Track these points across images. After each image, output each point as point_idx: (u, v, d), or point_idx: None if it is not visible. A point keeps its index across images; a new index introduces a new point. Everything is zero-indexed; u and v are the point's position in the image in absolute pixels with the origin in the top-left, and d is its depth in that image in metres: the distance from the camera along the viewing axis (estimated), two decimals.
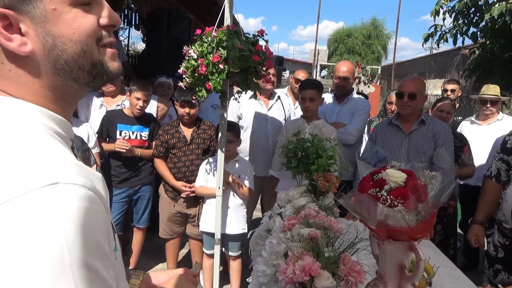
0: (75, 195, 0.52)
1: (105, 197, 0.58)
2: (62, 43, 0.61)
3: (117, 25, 0.68)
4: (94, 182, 0.57)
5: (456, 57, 15.63)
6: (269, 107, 3.67)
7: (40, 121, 0.60)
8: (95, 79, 0.66)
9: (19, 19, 0.58)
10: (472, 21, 5.67)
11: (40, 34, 0.59)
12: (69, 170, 0.54)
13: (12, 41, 0.58)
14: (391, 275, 1.27)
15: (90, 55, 0.64)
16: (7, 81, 0.61)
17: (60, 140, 0.61)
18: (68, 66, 0.62)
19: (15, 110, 0.59)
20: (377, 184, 1.24)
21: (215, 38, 2.34)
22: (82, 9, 0.62)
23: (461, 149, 3.29)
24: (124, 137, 3.22)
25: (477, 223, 2.43)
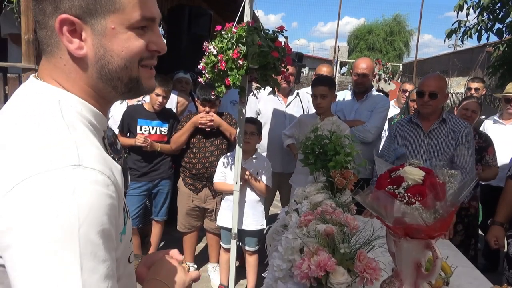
0: (93, 178, 0.61)
1: (120, 186, 0.68)
2: (110, 56, 0.72)
3: (162, 52, 0.79)
4: (113, 171, 0.67)
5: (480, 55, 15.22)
6: (287, 103, 3.67)
7: (78, 110, 0.71)
8: (129, 91, 0.78)
9: (83, 28, 0.70)
10: (497, 16, 5.49)
11: (95, 44, 0.71)
12: (91, 156, 0.64)
13: (72, 43, 0.70)
14: (407, 273, 1.26)
15: (130, 71, 0.75)
16: (61, 73, 0.73)
17: (91, 130, 0.72)
18: (110, 75, 0.73)
19: (60, 98, 0.70)
20: (395, 182, 1.24)
21: (235, 34, 2.36)
22: (136, 33, 0.73)
23: (486, 150, 3.22)
24: (144, 132, 3.27)
25: (497, 224, 2.38)
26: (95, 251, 0.59)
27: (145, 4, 0.73)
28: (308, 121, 2.96)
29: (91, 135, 0.70)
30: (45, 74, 0.73)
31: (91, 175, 0.61)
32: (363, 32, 30.15)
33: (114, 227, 0.64)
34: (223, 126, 3.17)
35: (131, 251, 0.83)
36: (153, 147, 3.22)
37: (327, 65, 4.65)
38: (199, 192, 3.25)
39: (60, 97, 0.70)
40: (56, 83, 0.72)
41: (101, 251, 0.60)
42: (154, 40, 0.76)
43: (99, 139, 0.73)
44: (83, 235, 0.58)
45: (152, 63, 0.79)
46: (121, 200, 0.68)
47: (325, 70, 4.14)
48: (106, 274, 0.60)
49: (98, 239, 0.60)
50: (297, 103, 3.72)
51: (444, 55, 20.74)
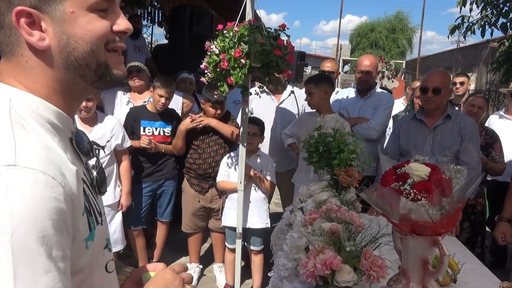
0: (31, 179, 0.57)
1: (74, 190, 0.63)
2: (75, 41, 0.68)
3: (129, 32, 0.75)
4: (65, 172, 0.63)
5: (484, 50, 15.12)
6: (280, 101, 3.65)
7: (34, 109, 0.67)
8: (99, 79, 0.73)
9: (41, 17, 0.66)
10: (501, 11, 5.44)
11: (57, 32, 0.67)
12: (33, 156, 0.59)
13: (32, 36, 0.66)
14: (414, 270, 1.25)
15: (97, 56, 0.71)
16: (22, 71, 0.69)
17: (49, 129, 0.67)
18: (77, 62, 0.70)
19: (11, 97, 0.66)
20: (400, 178, 1.23)
21: (237, 33, 2.35)
22: (97, 15, 0.70)
23: (492, 146, 3.19)
24: (147, 133, 3.28)
25: (504, 220, 2.36)
26: (34, 260, 0.54)
27: None
28: (309, 119, 2.95)
29: (45, 135, 0.65)
30: (5, 74, 0.69)
31: (29, 175, 0.57)
32: (365, 30, 30.07)
33: (63, 234, 0.59)
34: (222, 130, 3.16)
35: (107, 259, 0.78)
36: (157, 149, 3.22)
37: (331, 60, 4.61)
38: (206, 192, 3.25)
39: (12, 96, 0.66)
40: (15, 82, 0.68)
41: (42, 260, 0.54)
42: (118, 21, 0.73)
43: (61, 140, 0.69)
44: (17, 242, 0.52)
45: (120, 47, 0.75)
46: (76, 204, 0.63)
47: (329, 66, 4.09)
48: (50, 287, 0.55)
49: (37, 246, 0.54)
50: (292, 101, 3.68)
51: (447, 51, 20.64)
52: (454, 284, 1.60)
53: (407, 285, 1.25)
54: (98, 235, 0.72)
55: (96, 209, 0.74)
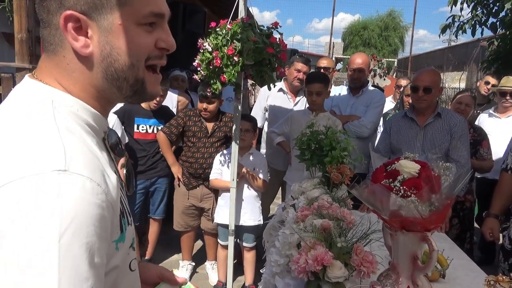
0: (79, 185, 0.57)
1: (114, 196, 0.63)
2: (117, 53, 0.68)
3: (171, 50, 0.75)
4: (106, 178, 0.63)
5: (475, 49, 15.24)
6: (295, 102, 3.65)
7: (74, 111, 0.67)
8: (134, 94, 0.74)
9: (89, 24, 0.67)
10: (491, 11, 5.51)
11: (101, 41, 0.67)
12: (81, 161, 0.59)
13: (77, 41, 0.66)
14: (404, 266, 1.27)
15: (137, 71, 0.71)
16: (63, 71, 0.69)
17: (88, 131, 0.68)
18: (116, 74, 0.70)
19: (53, 98, 0.66)
20: (390, 175, 1.24)
21: (230, 31, 2.35)
22: (144, 29, 0.70)
23: (480, 143, 3.23)
24: (141, 131, 3.27)
25: (492, 216, 2.40)
26: (77, 265, 0.54)
27: (155, 0, 0.70)
28: (301, 117, 2.96)
29: (87, 138, 0.66)
30: (45, 72, 0.70)
31: (78, 181, 0.57)
32: (357, 28, 30.16)
33: (103, 241, 0.59)
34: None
35: (132, 258, 0.78)
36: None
37: (327, 57, 4.62)
38: (193, 189, 3.24)
39: (54, 97, 0.66)
40: (55, 82, 0.69)
41: (84, 266, 0.54)
42: (163, 38, 0.73)
43: (98, 140, 0.70)
44: (64, 246, 0.52)
45: (160, 63, 0.75)
46: (115, 209, 0.64)
47: (325, 63, 4.10)
48: None
49: (81, 252, 0.54)
50: (304, 102, 3.70)
51: (439, 50, 20.78)
52: (443, 279, 1.62)
53: (397, 280, 1.26)
54: (128, 236, 0.72)
55: (127, 210, 0.74)
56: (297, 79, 3.52)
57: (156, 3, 0.70)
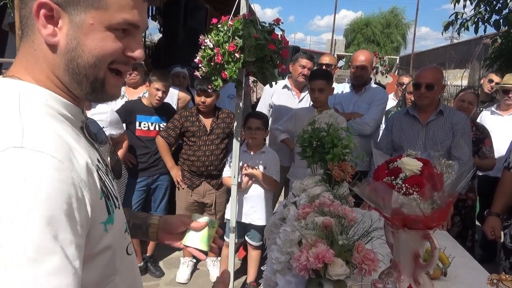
0: (42, 162, 0.58)
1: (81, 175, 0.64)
2: (82, 50, 0.70)
3: (138, 61, 0.77)
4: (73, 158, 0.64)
5: (477, 47, 15.18)
6: (300, 99, 3.65)
7: (44, 101, 0.69)
8: (93, 92, 0.75)
9: (61, 16, 0.68)
10: (494, 8, 5.47)
11: (70, 35, 0.69)
12: (40, 139, 0.60)
13: (46, 28, 0.68)
14: (405, 264, 1.27)
15: (98, 70, 0.72)
16: (31, 59, 0.71)
17: (61, 119, 0.70)
18: (78, 69, 0.71)
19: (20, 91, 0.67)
20: (393, 172, 1.24)
21: (231, 27, 2.35)
22: (115, 34, 0.71)
23: (482, 141, 3.22)
24: (143, 128, 3.27)
25: (493, 214, 2.39)
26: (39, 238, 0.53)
27: (132, 10, 0.71)
28: (305, 115, 2.95)
29: (55, 123, 0.67)
30: (17, 62, 0.72)
31: (40, 158, 0.58)
32: (360, 25, 30.06)
33: (73, 218, 0.59)
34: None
35: (128, 242, 0.81)
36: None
37: (329, 54, 4.61)
38: (196, 187, 3.25)
39: (21, 90, 0.68)
40: (24, 73, 0.71)
41: (48, 241, 0.54)
42: (133, 47, 0.74)
43: (73, 128, 0.71)
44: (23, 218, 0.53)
45: (124, 69, 0.76)
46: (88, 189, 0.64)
47: (328, 59, 4.09)
48: (57, 267, 0.54)
49: (42, 226, 0.54)
50: (309, 99, 3.69)
51: (441, 47, 20.72)
52: (444, 277, 1.62)
53: (399, 278, 1.26)
54: (117, 219, 0.74)
55: (114, 194, 0.75)
56: (302, 75, 3.51)
57: (132, 13, 0.71)
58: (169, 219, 1.14)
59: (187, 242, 1.10)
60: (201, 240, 1.11)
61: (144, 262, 3.43)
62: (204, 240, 1.11)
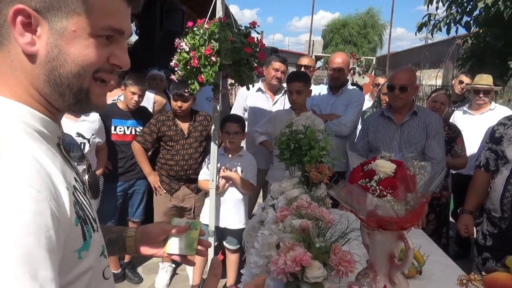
0: (18, 193, 0.53)
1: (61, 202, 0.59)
2: (64, 59, 0.65)
3: (124, 68, 0.73)
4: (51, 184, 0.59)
5: (450, 47, 15.59)
6: (274, 101, 3.67)
7: (20, 117, 0.64)
8: (76, 103, 0.70)
9: (40, 22, 0.63)
10: (465, 9, 5.62)
11: (50, 43, 0.64)
12: (17, 166, 0.56)
13: (23, 36, 0.63)
14: (381, 264, 1.28)
15: (82, 80, 0.68)
16: (7, 70, 0.66)
17: (37, 137, 0.65)
18: (60, 79, 0.66)
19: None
20: (367, 175, 1.25)
21: (207, 31, 2.33)
22: (99, 41, 0.67)
23: (455, 140, 3.30)
24: (119, 132, 3.21)
25: (466, 212, 2.45)
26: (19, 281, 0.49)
27: (116, 15, 0.68)
28: (283, 117, 2.96)
29: (32, 144, 0.62)
30: None
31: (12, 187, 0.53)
32: (337, 25, 30.46)
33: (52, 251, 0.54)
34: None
35: (104, 266, 0.75)
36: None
37: (308, 56, 4.65)
38: (175, 192, 3.22)
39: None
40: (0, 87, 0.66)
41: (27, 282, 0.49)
42: (118, 54, 0.71)
43: (50, 147, 0.67)
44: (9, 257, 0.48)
45: (109, 78, 0.72)
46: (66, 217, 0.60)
47: (306, 61, 4.13)
48: None
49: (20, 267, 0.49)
50: (283, 101, 3.72)
51: (416, 48, 21.17)
52: (419, 276, 1.65)
53: (374, 278, 1.28)
54: (94, 244, 0.69)
55: (91, 216, 0.70)
56: (275, 78, 3.53)
57: (116, 19, 0.68)
58: (147, 228, 1.09)
59: (171, 250, 1.06)
60: (185, 246, 1.06)
61: (122, 269, 3.37)
62: (188, 245, 1.07)
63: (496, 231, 2.18)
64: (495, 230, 2.19)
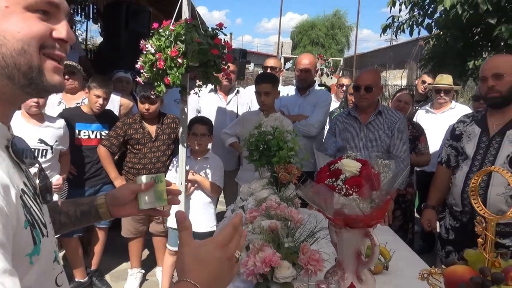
0: None
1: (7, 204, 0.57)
2: (3, 37, 0.61)
3: (69, 41, 0.70)
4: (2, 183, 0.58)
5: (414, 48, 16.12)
6: (227, 101, 3.69)
7: None
8: (30, 84, 0.66)
9: None
10: (427, 12, 5.83)
11: None
12: None
13: None
14: (348, 262, 1.30)
15: (29, 56, 0.64)
16: None
17: None
18: (4, 61, 0.62)
19: None
20: (333, 174, 1.27)
21: (173, 32, 2.31)
22: (36, 16, 0.64)
23: (418, 139, 3.41)
24: (83, 137, 3.12)
25: (429, 207, 2.53)
26: None
27: None
28: (252, 118, 2.97)
29: None
30: None
31: None
32: (306, 27, 30.89)
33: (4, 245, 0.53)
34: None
35: (57, 273, 0.73)
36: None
37: (274, 57, 4.67)
38: None
39: None
40: None
41: None
42: (59, 28, 0.68)
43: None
44: None
45: (57, 55, 0.69)
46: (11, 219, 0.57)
47: (273, 62, 4.14)
48: None
49: None
50: (239, 101, 3.74)
51: (381, 49, 21.78)
52: (386, 271, 1.69)
53: (342, 276, 1.30)
54: (45, 249, 0.66)
55: (41, 221, 0.67)
56: (226, 78, 3.53)
57: None
58: (116, 192, 1.13)
59: (143, 206, 1.11)
60: (156, 199, 1.12)
61: (88, 277, 3.26)
62: (159, 197, 1.13)
63: (457, 225, 2.27)
64: (457, 224, 2.27)
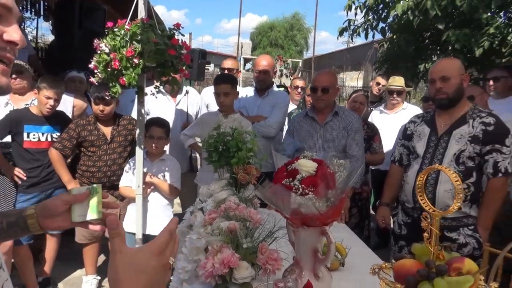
0: None
1: None
2: None
3: (20, 45, 0.70)
4: None
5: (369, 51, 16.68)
6: (176, 102, 3.66)
7: None
8: None
9: None
10: (381, 16, 6.06)
11: None
12: None
13: None
14: (306, 260, 1.33)
15: None
16: None
17: None
18: None
19: None
20: (290, 174, 1.29)
21: (129, 32, 2.25)
22: None
23: (373, 138, 3.54)
24: (32, 139, 2.96)
25: (383, 205, 2.64)
26: None
27: None
28: (211, 119, 2.96)
29: None
30: None
31: None
32: (265, 28, 31.11)
33: None
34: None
35: (3, 279, 0.70)
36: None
37: (232, 58, 4.67)
38: None
39: None
40: None
41: None
42: (9, 31, 0.68)
43: None
44: None
45: (7, 57, 0.69)
46: None
47: (230, 64, 4.13)
48: None
49: None
50: (188, 101, 3.71)
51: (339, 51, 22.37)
52: (342, 268, 1.74)
53: (300, 274, 1.32)
54: None
55: None
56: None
57: None
58: (48, 202, 1.05)
59: (76, 218, 1.03)
60: (90, 211, 1.04)
61: (40, 286, 3.10)
62: (93, 209, 1.04)
63: (409, 221, 2.37)
64: (409, 219, 2.38)
